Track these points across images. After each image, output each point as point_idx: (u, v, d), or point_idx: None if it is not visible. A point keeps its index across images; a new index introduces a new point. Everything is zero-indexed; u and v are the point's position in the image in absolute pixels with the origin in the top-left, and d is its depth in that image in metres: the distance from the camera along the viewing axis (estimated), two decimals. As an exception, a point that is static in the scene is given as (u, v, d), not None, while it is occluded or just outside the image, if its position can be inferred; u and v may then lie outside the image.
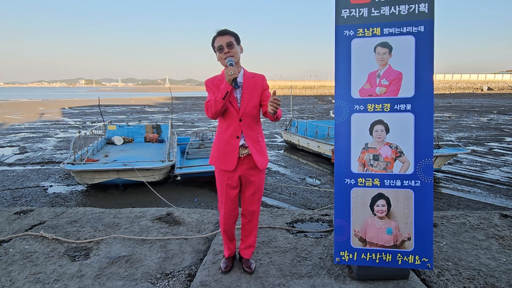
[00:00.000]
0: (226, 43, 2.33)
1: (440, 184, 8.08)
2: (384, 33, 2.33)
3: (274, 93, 2.24)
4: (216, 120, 2.50)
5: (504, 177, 8.58)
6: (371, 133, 2.38)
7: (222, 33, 2.35)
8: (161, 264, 2.79)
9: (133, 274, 2.63)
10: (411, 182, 2.34)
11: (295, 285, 2.42)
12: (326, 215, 3.86)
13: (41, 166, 9.97)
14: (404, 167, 2.35)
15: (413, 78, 2.30)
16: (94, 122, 21.65)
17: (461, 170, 9.30)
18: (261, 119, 2.52)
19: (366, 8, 2.36)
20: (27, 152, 12.01)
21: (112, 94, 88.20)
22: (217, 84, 2.41)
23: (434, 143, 9.14)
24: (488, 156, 10.94)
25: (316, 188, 7.89)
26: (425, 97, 2.30)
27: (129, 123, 16.54)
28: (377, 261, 2.40)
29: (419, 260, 2.35)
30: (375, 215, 2.40)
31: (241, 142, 2.41)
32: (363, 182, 2.40)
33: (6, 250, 3.03)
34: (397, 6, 2.32)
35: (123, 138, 11.47)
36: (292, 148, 13.01)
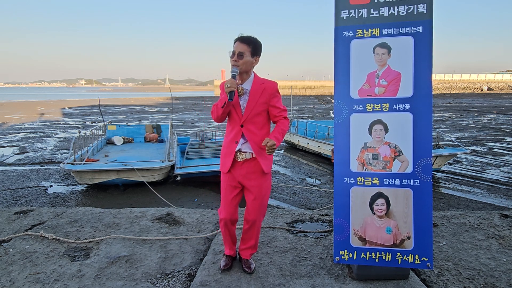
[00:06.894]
0: (238, 52, 2.31)
1: (440, 184, 8.08)
2: (383, 33, 2.34)
3: (267, 143, 2.20)
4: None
5: (504, 177, 8.58)
6: (370, 133, 2.39)
7: (241, 40, 2.34)
8: (161, 264, 2.79)
9: (133, 274, 2.64)
10: (410, 181, 2.35)
11: (295, 285, 2.42)
12: (326, 215, 3.87)
13: (41, 166, 9.97)
14: (403, 166, 2.35)
15: (412, 78, 2.31)
16: (94, 122, 21.65)
17: (461, 170, 9.30)
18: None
19: (365, 9, 2.37)
20: (27, 152, 12.01)
21: (112, 94, 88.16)
22: None
23: (434, 143, 9.14)
24: (488, 156, 10.94)
25: (316, 188, 7.89)
26: (424, 97, 2.30)
27: (129, 123, 16.54)
28: (376, 260, 2.40)
29: (418, 260, 2.36)
30: (374, 214, 2.40)
31: (238, 147, 2.41)
32: (362, 181, 2.41)
33: (6, 250, 3.03)
34: (396, 7, 2.33)
35: (123, 138, 11.46)
36: (292, 148, 13.01)
